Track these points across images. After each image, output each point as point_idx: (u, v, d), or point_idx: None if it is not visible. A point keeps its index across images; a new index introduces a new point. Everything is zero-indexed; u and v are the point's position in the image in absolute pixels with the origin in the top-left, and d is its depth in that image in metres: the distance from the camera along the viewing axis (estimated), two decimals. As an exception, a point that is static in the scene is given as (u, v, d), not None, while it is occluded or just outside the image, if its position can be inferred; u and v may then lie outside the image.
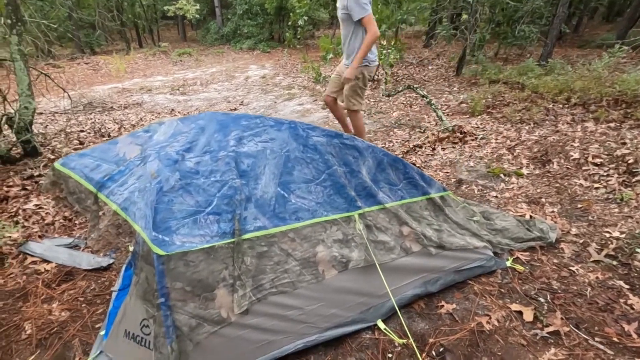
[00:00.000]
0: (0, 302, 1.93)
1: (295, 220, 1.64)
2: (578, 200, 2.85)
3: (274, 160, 1.71)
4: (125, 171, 1.52)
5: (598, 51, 9.76)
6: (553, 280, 2.14)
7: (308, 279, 1.62)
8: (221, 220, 1.48)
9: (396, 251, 1.90)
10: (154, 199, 1.39)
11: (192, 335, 1.36)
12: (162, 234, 1.34)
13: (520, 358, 1.67)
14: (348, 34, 3.06)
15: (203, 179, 1.53)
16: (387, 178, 2.06)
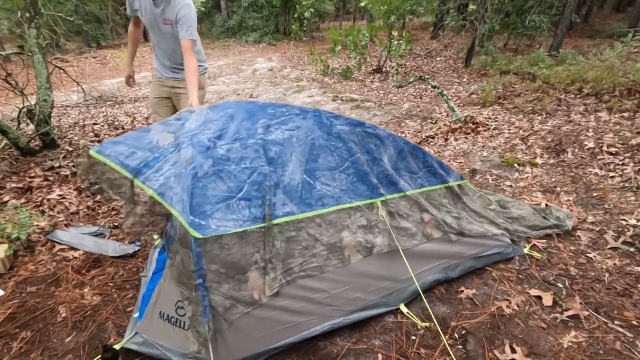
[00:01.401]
0: (33, 287, 2.00)
1: (321, 206, 1.68)
2: (593, 189, 2.86)
3: (299, 148, 1.74)
4: (160, 158, 1.56)
5: (609, 41, 9.64)
6: (571, 266, 2.17)
7: (334, 263, 1.66)
8: (252, 206, 1.52)
9: (418, 237, 1.93)
10: (189, 184, 1.43)
11: (227, 316, 1.41)
12: (199, 217, 1.39)
13: (541, 340, 1.71)
14: None
15: (234, 166, 1.57)
16: (407, 166, 2.09)
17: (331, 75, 7.50)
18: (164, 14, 2.28)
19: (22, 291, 1.97)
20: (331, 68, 7.63)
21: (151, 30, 2.42)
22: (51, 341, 1.68)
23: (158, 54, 2.52)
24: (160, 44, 2.44)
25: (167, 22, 2.30)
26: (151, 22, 2.35)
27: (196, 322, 1.38)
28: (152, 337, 1.58)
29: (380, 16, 7.06)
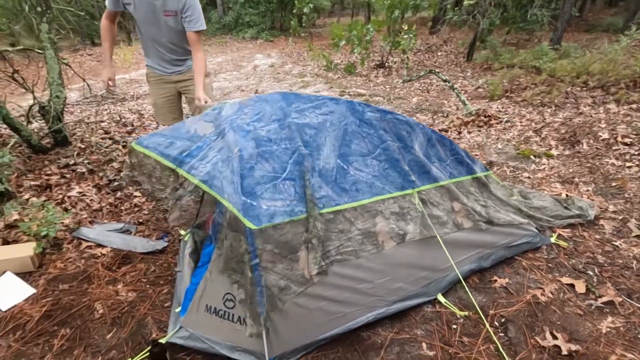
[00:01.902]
0: (65, 284, 1.97)
1: (355, 191, 1.67)
2: (612, 179, 2.90)
3: (333, 133, 1.75)
4: (203, 146, 1.55)
5: (605, 35, 9.75)
6: (598, 254, 2.20)
7: (369, 248, 1.64)
8: (296, 185, 1.52)
9: (449, 226, 1.94)
10: (238, 166, 1.43)
11: (281, 296, 1.40)
12: (250, 198, 1.39)
13: (579, 326, 1.73)
14: None
15: (275, 147, 1.57)
16: (437, 153, 2.10)
17: (335, 70, 7.48)
18: (165, 5, 2.16)
19: (54, 289, 1.94)
20: (334, 63, 7.61)
21: (146, 25, 2.25)
22: (92, 338, 1.66)
23: (155, 49, 2.35)
24: (158, 38, 2.29)
25: (170, 13, 2.19)
26: (147, 15, 2.20)
27: (250, 306, 1.37)
28: (198, 331, 1.57)
29: (383, 11, 7.05)
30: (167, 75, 2.45)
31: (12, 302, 1.83)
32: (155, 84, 2.49)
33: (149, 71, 2.51)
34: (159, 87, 2.49)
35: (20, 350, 1.60)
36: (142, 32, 2.30)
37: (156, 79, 2.48)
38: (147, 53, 2.42)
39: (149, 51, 2.39)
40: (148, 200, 2.74)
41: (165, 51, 2.35)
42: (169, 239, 2.33)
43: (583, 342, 1.64)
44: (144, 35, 2.31)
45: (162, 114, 2.59)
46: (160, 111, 2.58)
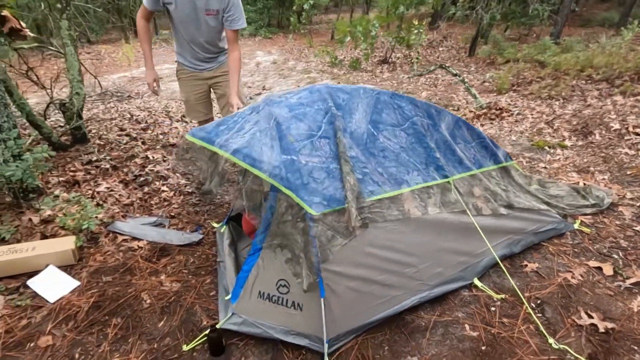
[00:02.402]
0: (108, 276, 2.00)
1: (382, 158, 1.71)
2: (626, 167, 2.99)
3: (366, 100, 1.81)
4: (238, 120, 1.62)
5: (602, 29, 9.90)
6: (620, 239, 2.28)
7: (395, 213, 1.65)
8: (331, 144, 1.57)
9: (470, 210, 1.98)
10: (276, 132, 1.49)
11: (329, 246, 1.44)
12: (290, 154, 1.44)
13: (611, 306, 1.81)
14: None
15: (308, 108, 1.63)
16: (462, 135, 2.17)
17: (339, 66, 7.51)
18: (208, 4, 2.18)
19: (97, 281, 1.97)
20: (339, 59, 7.64)
21: (185, 24, 2.25)
22: (144, 326, 1.70)
23: (190, 48, 2.37)
24: (196, 37, 2.31)
25: (212, 12, 2.22)
26: (189, 14, 2.21)
27: (305, 257, 1.42)
28: (251, 317, 1.61)
29: (385, 7, 7.10)
30: (198, 72, 2.48)
31: (59, 294, 1.85)
32: (186, 80, 2.51)
33: (179, 68, 2.53)
34: (191, 84, 2.52)
35: (76, 340, 1.64)
36: (180, 31, 2.30)
37: (187, 75, 2.50)
38: (180, 51, 2.44)
39: (183, 49, 2.41)
40: (176, 194, 2.77)
41: (200, 49, 2.37)
42: (203, 232, 2.36)
43: (617, 320, 1.72)
44: (181, 34, 2.32)
45: (195, 110, 2.61)
46: (194, 107, 2.61)
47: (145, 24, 2.32)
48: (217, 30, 2.30)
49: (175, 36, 2.39)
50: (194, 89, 2.53)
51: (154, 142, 3.63)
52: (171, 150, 3.43)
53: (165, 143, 3.57)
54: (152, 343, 1.62)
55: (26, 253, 1.95)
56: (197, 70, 2.47)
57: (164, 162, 3.17)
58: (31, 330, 1.68)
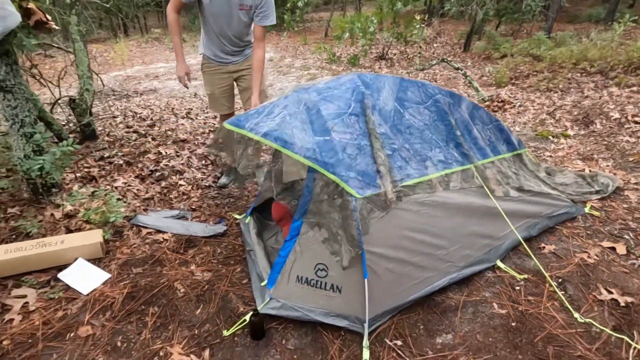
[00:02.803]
0: (138, 268, 2.02)
1: (409, 135, 1.77)
2: (628, 154, 3.11)
3: (392, 79, 1.87)
4: (267, 105, 1.66)
5: (589, 25, 10.16)
6: (629, 221, 2.39)
7: (424, 187, 1.72)
8: (360, 121, 1.62)
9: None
10: (306, 116, 1.54)
11: (369, 219, 1.49)
12: (323, 135, 1.49)
13: (628, 282, 1.90)
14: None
15: (336, 90, 1.69)
16: (480, 117, 2.24)
17: (338, 63, 7.55)
18: (243, 0, 2.22)
19: (128, 272, 1.98)
20: (337, 56, 7.69)
21: (218, 18, 2.28)
22: (182, 314, 1.73)
23: (218, 41, 2.39)
24: (227, 31, 2.34)
25: (245, 7, 2.25)
26: (222, 8, 2.24)
27: (346, 232, 1.46)
28: (290, 301, 1.65)
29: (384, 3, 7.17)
30: (223, 65, 2.50)
31: (91, 286, 1.86)
32: (211, 74, 2.54)
33: (205, 61, 2.55)
34: (216, 78, 2.54)
35: (116, 329, 1.65)
36: (210, 24, 2.32)
37: (213, 69, 2.52)
38: (207, 44, 2.46)
39: (211, 42, 2.43)
40: (194, 188, 2.79)
41: (228, 43, 2.40)
42: (226, 223, 2.39)
43: (635, 295, 1.81)
44: (211, 28, 2.34)
45: (219, 103, 2.63)
46: (218, 101, 2.63)
47: (177, 16, 2.32)
48: (246, 25, 2.34)
49: (203, 29, 2.41)
50: (218, 82, 2.56)
51: (164, 138, 3.63)
52: (183, 145, 3.43)
53: (175, 139, 3.57)
54: (192, 329, 1.65)
55: (55, 247, 1.95)
56: (223, 64, 2.50)
57: (177, 157, 3.17)
58: (69, 321, 1.69)
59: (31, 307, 1.75)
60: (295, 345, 1.58)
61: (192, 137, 3.62)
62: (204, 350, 1.55)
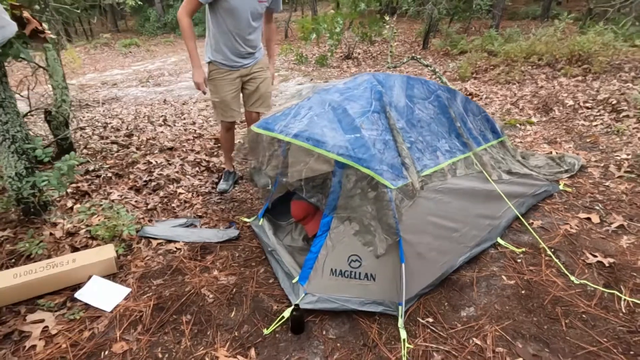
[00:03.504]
0: (158, 279, 1.98)
1: (420, 127, 1.92)
2: (585, 136, 3.52)
3: (400, 77, 2.02)
4: (292, 107, 1.74)
5: (527, 22, 11.11)
6: (596, 194, 2.73)
7: (438, 176, 1.87)
8: (381, 118, 1.74)
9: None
10: (333, 115, 1.63)
11: (400, 207, 1.60)
12: (354, 132, 1.59)
13: (606, 246, 2.19)
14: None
15: (356, 90, 1.80)
16: (472, 109, 2.44)
17: (306, 64, 7.63)
18: None
19: (149, 285, 1.94)
20: (305, 56, 7.77)
21: (236, 15, 2.24)
22: (217, 318, 1.73)
23: (232, 42, 2.35)
24: (242, 30, 2.31)
25: (265, 0, 2.34)
26: (243, 4, 2.22)
27: (382, 222, 1.56)
28: (325, 294, 1.72)
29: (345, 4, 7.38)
30: (234, 70, 2.47)
31: (114, 302, 1.81)
32: (222, 80, 2.48)
33: (213, 68, 2.47)
34: (227, 83, 2.49)
35: (152, 341, 1.63)
36: (227, 25, 2.29)
37: (223, 75, 2.47)
38: (218, 49, 2.39)
39: (224, 46, 2.37)
40: (194, 195, 2.75)
41: (241, 43, 2.38)
42: (238, 226, 2.40)
43: (615, 256, 2.09)
44: (227, 29, 2.31)
45: (231, 109, 2.57)
46: (230, 107, 2.56)
47: (190, 21, 2.27)
48: (260, 20, 2.41)
49: (216, 32, 2.34)
50: (230, 87, 2.51)
51: (148, 147, 3.50)
52: (172, 153, 3.35)
53: (162, 147, 3.46)
54: (232, 332, 1.67)
55: (67, 266, 1.86)
56: (233, 68, 2.47)
57: (169, 166, 3.09)
58: (99, 340, 1.63)
59: (52, 331, 1.67)
60: (335, 334, 1.66)
61: (179, 145, 3.53)
62: (249, 350, 1.58)
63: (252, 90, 2.60)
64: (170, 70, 8.86)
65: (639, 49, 5.91)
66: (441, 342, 1.61)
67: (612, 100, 3.83)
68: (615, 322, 1.68)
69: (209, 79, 2.52)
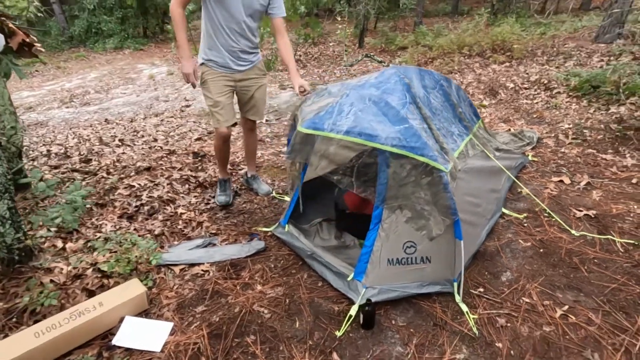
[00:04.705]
0: (198, 307, 1.81)
1: (438, 114, 2.07)
2: (532, 112, 4.05)
3: (414, 69, 2.18)
4: (335, 105, 1.75)
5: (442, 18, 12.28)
6: (557, 160, 3.17)
7: (462, 157, 2.03)
8: (415, 108, 1.84)
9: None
10: (376, 109, 1.71)
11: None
12: (402, 123, 1.66)
13: (583, 201, 2.57)
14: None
15: (388, 84, 1.89)
16: (462, 95, 2.68)
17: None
18: None
19: (191, 314, 1.78)
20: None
21: (226, 6, 2.12)
22: (284, 332, 1.66)
23: (229, 40, 2.22)
24: (235, 24, 2.19)
25: None
26: (240, 3, 2.13)
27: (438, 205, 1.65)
28: (386, 285, 1.76)
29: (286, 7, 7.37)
30: (229, 72, 2.33)
31: (161, 341, 1.62)
32: (216, 80, 2.32)
33: (206, 69, 2.31)
34: (222, 84, 2.33)
35: (224, 370, 1.50)
36: (218, 17, 2.14)
37: (216, 76, 2.31)
38: (211, 49, 2.26)
39: (220, 44, 2.23)
40: (197, 213, 2.56)
41: (237, 46, 2.24)
42: (260, 237, 2.30)
43: (594, 208, 2.47)
44: (222, 25, 2.16)
45: (229, 111, 2.38)
46: (228, 108, 2.36)
47: (183, 12, 2.13)
48: (259, 18, 2.28)
49: (207, 27, 2.20)
50: (224, 89, 2.34)
51: (119, 171, 3.15)
52: (153, 173, 3.05)
53: (137, 168, 3.13)
54: (305, 341, 1.61)
55: (95, 312, 1.62)
56: (228, 71, 2.32)
57: (157, 187, 2.82)
58: (162, 384, 1.46)
59: (101, 388, 1.44)
60: (404, 320, 1.71)
61: (156, 164, 3.23)
62: (331, 354, 1.55)
63: (247, 97, 2.48)
64: (95, 88, 7.97)
65: (541, 36, 6.95)
66: (498, 307, 1.76)
67: (543, 80, 4.47)
68: (620, 261, 1.99)
69: (202, 82, 2.36)
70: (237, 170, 3.24)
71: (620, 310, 1.69)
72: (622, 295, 1.77)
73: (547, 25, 7.44)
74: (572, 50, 5.84)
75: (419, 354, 1.54)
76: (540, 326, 1.64)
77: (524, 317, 1.70)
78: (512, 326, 1.65)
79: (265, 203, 2.73)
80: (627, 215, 2.37)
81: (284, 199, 2.76)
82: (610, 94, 3.88)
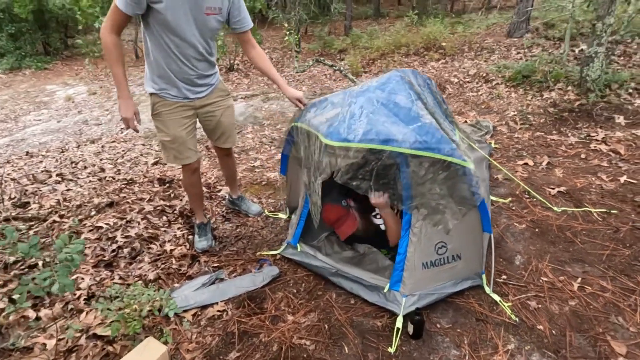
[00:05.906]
0: (231, 352, 1.60)
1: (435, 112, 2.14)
2: (480, 104, 4.41)
3: (408, 70, 2.20)
4: (343, 113, 1.75)
5: (364, 20, 12.89)
6: (515, 144, 3.50)
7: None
8: (422, 105, 1.87)
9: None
10: (387, 111, 1.71)
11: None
12: (414, 122, 1.67)
13: (552, 179, 2.85)
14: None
15: (391, 85, 1.89)
16: (438, 92, 2.80)
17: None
18: (207, 1, 1.75)
19: (224, 364, 1.56)
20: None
21: (177, 28, 1.74)
22: (341, 356, 1.55)
23: (179, 65, 1.84)
24: (189, 47, 1.83)
25: (213, 11, 1.81)
26: (185, 13, 1.72)
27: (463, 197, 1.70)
28: (423, 289, 1.74)
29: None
30: (187, 101, 1.97)
31: (201, 404, 1.40)
32: (171, 113, 1.95)
33: (157, 100, 1.93)
34: (179, 116, 1.98)
35: (288, 420, 1.34)
36: (167, 44, 1.77)
37: (172, 107, 1.95)
38: (160, 76, 1.87)
39: (169, 70, 1.85)
40: (188, 247, 2.28)
41: (190, 67, 1.88)
42: (271, 261, 2.13)
43: (561, 184, 2.76)
44: (169, 48, 1.79)
45: (188, 148, 2.05)
46: (186, 145, 2.04)
47: (117, 39, 1.72)
48: (213, 36, 1.92)
49: (155, 55, 1.81)
50: (183, 121, 2.00)
51: (72, 211, 2.68)
52: (120, 209, 2.64)
53: (98, 206, 2.69)
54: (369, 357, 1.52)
55: (113, 389, 1.33)
56: (185, 100, 1.97)
57: (131, 224, 2.45)
58: None
59: None
60: (448, 322, 1.71)
61: (118, 198, 2.81)
62: (393, 373, 1.48)
63: (214, 124, 2.16)
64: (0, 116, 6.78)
65: (462, 34, 7.66)
66: (525, 291, 1.85)
67: (482, 74, 4.91)
68: (602, 229, 2.24)
69: (154, 114, 1.98)
70: (215, 192, 2.98)
71: (622, 273, 1.89)
72: (617, 260, 1.99)
73: (464, 24, 8.21)
74: (493, 45, 6.52)
75: (474, 353, 1.55)
76: (566, 302, 1.76)
77: (549, 295, 1.81)
78: (544, 306, 1.75)
79: (261, 224, 2.54)
80: (590, 187, 2.69)
81: (278, 216, 2.60)
82: (540, 81, 4.40)
